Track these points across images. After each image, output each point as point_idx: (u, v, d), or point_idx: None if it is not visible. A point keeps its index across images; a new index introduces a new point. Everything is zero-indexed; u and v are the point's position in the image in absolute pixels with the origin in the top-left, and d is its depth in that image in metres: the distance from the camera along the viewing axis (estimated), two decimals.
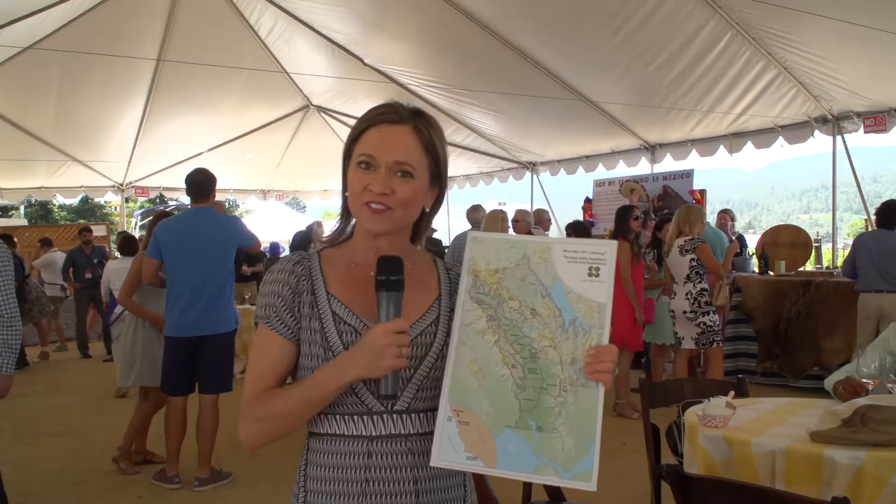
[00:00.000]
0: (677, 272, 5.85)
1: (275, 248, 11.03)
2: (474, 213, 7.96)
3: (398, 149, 1.27)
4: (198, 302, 4.39)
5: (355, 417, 1.28)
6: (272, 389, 1.30)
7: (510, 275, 1.26)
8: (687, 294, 5.73)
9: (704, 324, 5.69)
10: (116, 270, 7.25)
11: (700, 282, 5.72)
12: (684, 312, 5.74)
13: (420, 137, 1.30)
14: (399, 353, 1.18)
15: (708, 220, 7.30)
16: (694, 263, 5.71)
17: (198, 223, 4.49)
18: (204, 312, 4.39)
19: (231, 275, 4.59)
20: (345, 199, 1.36)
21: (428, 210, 1.37)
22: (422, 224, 1.40)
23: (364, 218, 1.29)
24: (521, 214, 8.33)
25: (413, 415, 1.29)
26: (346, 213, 1.38)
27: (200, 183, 4.58)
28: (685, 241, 5.77)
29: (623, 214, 6.33)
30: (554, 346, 1.22)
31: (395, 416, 1.28)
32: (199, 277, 4.39)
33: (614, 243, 1.27)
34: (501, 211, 7.57)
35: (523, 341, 1.23)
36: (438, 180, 1.35)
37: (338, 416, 1.29)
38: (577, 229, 7.43)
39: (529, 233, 7.93)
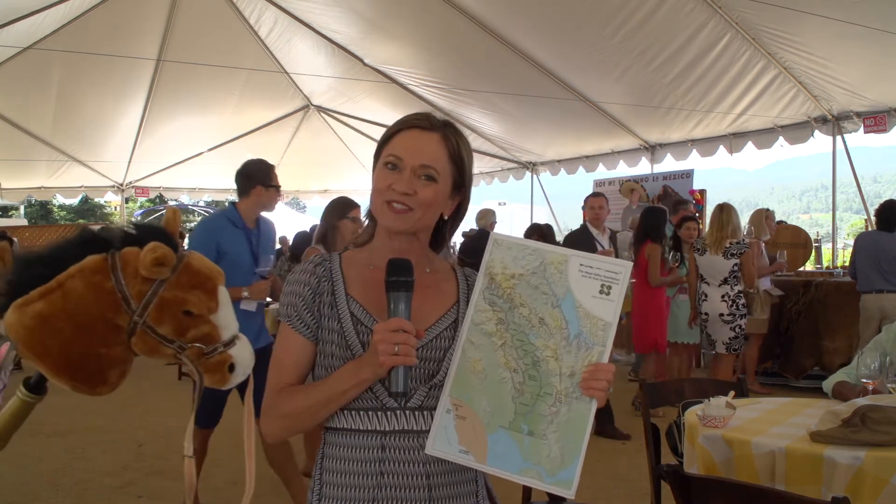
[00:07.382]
0: (712, 273, 5.62)
1: None
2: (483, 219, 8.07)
3: (425, 153, 1.32)
4: None
5: (370, 413, 1.32)
6: (294, 386, 1.35)
7: (525, 281, 1.29)
8: (724, 296, 5.55)
9: (740, 327, 5.56)
10: None
11: (737, 284, 5.58)
12: (721, 315, 5.55)
13: (447, 146, 1.35)
14: (392, 349, 1.19)
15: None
16: (736, 268, 5.55)
17: None
18: None
19: None
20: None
21: (447, 217, 1.41)
22: (442, 232, 1.44)
23: (384, 216, 1.33)
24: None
25: (426, 412, 1.32)
26: (374, 216, 1.41)
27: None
28: (731, 243, 5.54)
29: (655, 217, 6.20)
30: (556, 357, 1.26)
31: (408, 412, 1.32)
32: None
33: (629, 265, 1.30)
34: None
35: (528, 348, 1.26)
36: (461, 191, 1.40)
37: (353, 412, 1.33)
38: (540, 233, 6.83)
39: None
